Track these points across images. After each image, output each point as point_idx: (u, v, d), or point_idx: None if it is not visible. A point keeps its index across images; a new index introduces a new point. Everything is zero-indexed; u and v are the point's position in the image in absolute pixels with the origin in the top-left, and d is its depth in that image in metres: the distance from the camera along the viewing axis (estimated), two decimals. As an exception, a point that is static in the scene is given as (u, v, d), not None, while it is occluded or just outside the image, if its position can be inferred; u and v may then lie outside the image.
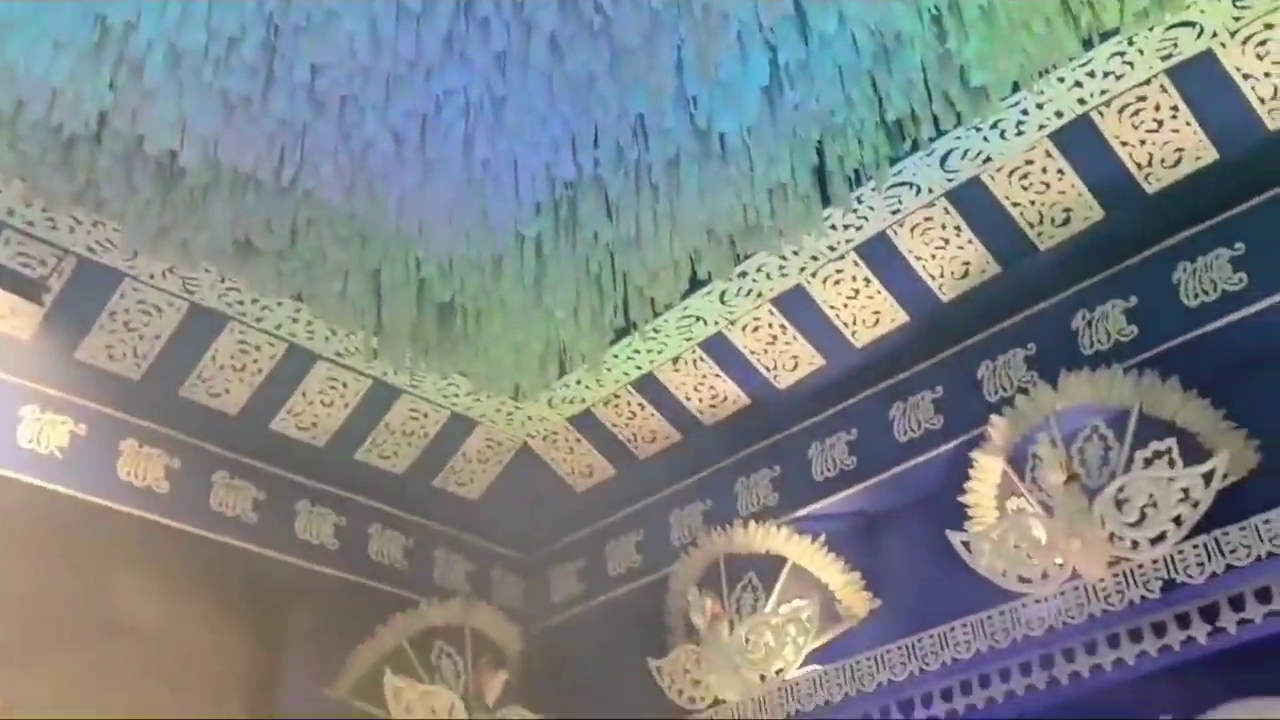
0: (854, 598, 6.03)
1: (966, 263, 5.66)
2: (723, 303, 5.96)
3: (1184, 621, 4.82)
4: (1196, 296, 5.14)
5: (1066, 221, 5.45)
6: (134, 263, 5.48)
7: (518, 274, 5.06)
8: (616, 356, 6.20)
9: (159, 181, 4.63)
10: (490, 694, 6.76)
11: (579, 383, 6.45)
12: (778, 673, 6.00)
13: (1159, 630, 4.88)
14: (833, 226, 5.50)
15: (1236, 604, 4.71)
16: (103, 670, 5.38)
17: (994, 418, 5.49)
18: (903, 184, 5.36)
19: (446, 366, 5.66)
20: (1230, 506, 4.79)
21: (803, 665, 5.96)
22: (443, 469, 6.92)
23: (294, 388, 6.25)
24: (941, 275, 5.73)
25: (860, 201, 5.39)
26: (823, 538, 6.15)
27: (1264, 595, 4.65)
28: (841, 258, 5.74)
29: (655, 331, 6.03)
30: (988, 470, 5.53)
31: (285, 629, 6.37)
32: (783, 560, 6.21)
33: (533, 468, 7.04)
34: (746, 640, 6.12)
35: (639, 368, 6.38)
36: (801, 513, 6.24)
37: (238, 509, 6.17)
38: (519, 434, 6.90)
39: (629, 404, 6.61)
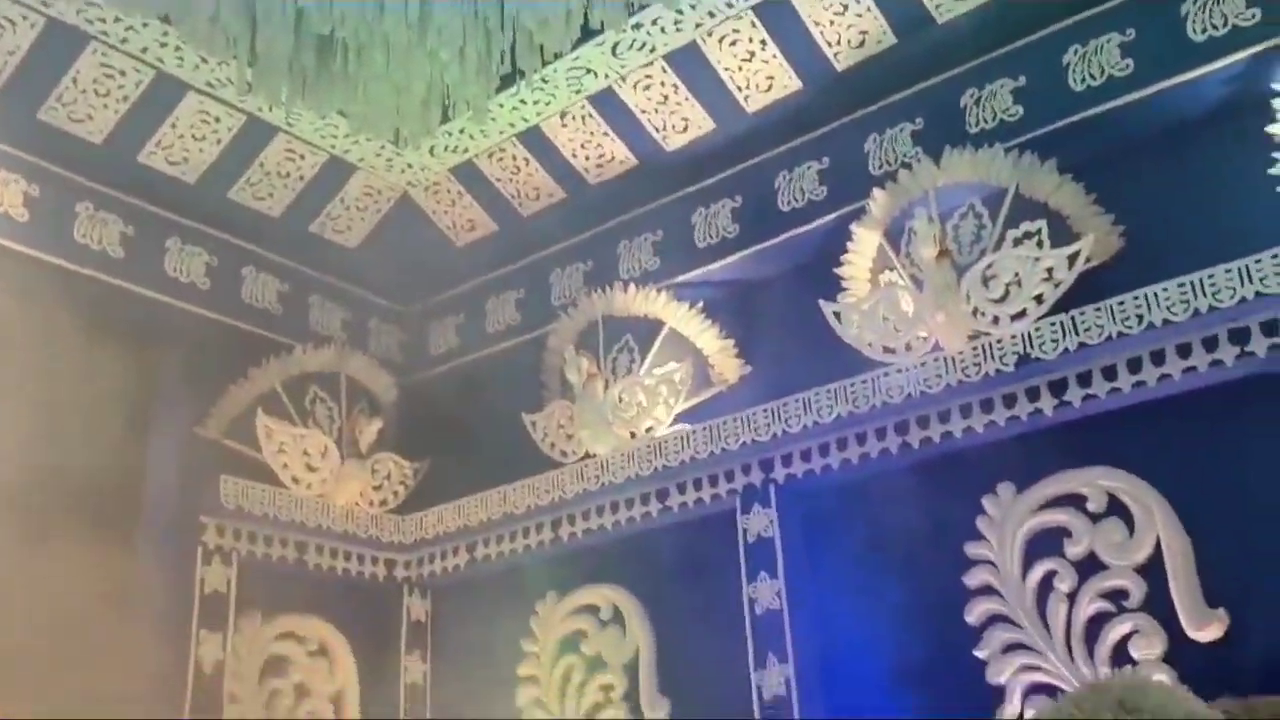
0: (727, 363, 6.17)
1: (864, 32, 5.57)
2: (615, 55, 5.79)
3: (1033, 394, 5.06)
4: (1083, 80, 5.16)
5: (967, -5, 5.38)
6: (-19, -32, 5.08)
7: (401, 10, 4.79)
8: (502, 106, 6.02)
9: (5, -125, 4.23)
10: (364, 440, 6.85)
11: (462, 131, 6.26)
12: (648, 430, 6.17)
13: (1009, 402, 5.12)
14: (732, -18, 5.34)
15: (1083, 380, 4.95)
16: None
17: (875, 191, 5.55)
18: (806, -58, 5.20)
19: (324, 105, 5.35)
20: (1090, 288, 4.97)
21: (672, 424, 6.14)
22: (320, 214, 6.74)
23: (163, 119, 5.95)
24: (838, 43, 5.63)
25: (762, -43, 5.23)
26: (700, 304, 6.24)
27: (1110, 373, 4.89)
28: (739, 17, 5.58)
29: (543, 81, 5.85)
30: (865, 243, 5.62)
31: (156, 367, 6.26)
32: (660, 324, 6.30)
33: (413, 218, 6.90)
34: (620, 399, 6.26)
35: (525, 119, 6.22)
36: (681, 278, 6.30)
37: (103, 242, 5.97)
38: (399, 182, 6.73)
39: (514, 157, 6.47)
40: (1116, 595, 4.77)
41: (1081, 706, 2.63)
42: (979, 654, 5.01)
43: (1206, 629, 4.54)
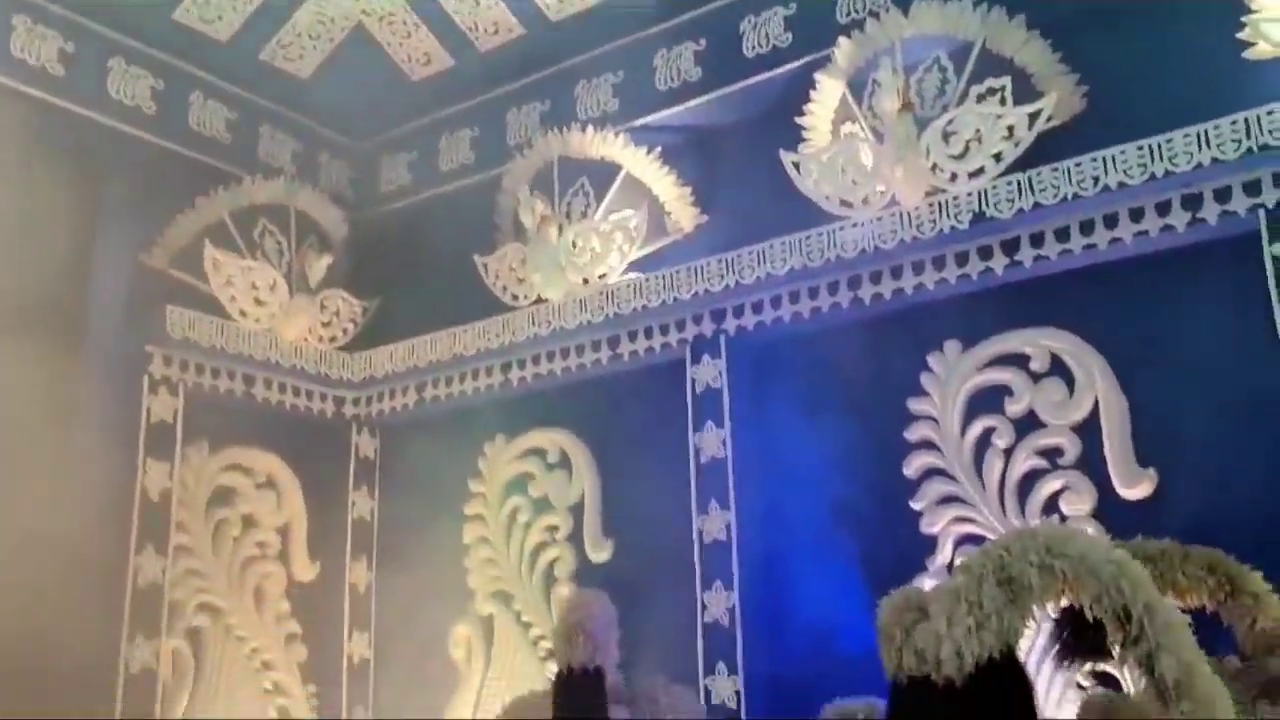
0: (683, 211, 6.11)
1: None
2: (580, -117, 5.58)
3: (986, 253, 5.07)
4: (1061, -68, 5.05)
5: None
6: None
7: None
8: (463, -67, 5.82)
9: None
10: (314, 276, 6.78)
11: (420, -42, 6.06)
12: (600, 277, 6.14)
13: (961, 260, 5.13)
14: None
15: (1036, 240, 4.96)
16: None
17: (841, 39, 5.43)
18: None
19: (274, -79, 5.19)
20: (1049, 148, 4.93)
21: (625, 272, 6.11)
22: (271, 41, 6.51)
23: (102, -71, 5.71)
24: (811, -118, 5.46)
25: None
26: (659, 149, 6.13)
27: (1063, 234, 4.90)
28: None
29: (505, -92, 5.65)
30: (828, 92, 5.53)
31: (100, 191, 6.10)
32: (617, 168, 6.21)
33: (367, 50, 6.66)
34: (573, 244, 6.21)
35: (486, -51, 6.02)
36: (640, 122, 6.19)
37: (42, 58, 5.75)
38: (353, 11, 6.47)
39: (473, -11, 6.27)
40: (1052, 453, 4.88)
41: (1009, 549, 2.70)
42: (915, 505, 5.13)
43: (1136, 487, 4.66)
